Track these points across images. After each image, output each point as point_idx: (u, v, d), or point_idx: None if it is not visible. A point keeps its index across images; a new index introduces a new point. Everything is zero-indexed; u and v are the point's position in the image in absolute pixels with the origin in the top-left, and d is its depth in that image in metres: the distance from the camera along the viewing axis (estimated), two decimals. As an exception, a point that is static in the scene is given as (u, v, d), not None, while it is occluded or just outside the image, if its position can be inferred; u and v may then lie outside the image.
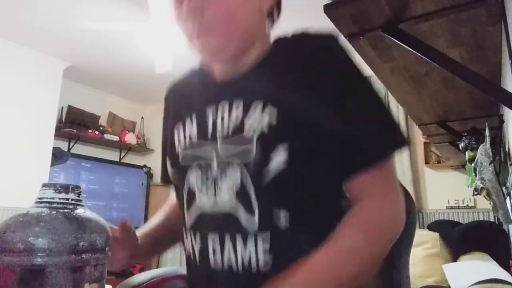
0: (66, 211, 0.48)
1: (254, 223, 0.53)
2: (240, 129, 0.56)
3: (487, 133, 1.52)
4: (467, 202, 2.88)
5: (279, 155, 0.52)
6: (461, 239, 2.40)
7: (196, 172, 0.59)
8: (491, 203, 1.53)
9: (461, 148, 1.87)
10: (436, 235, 2.39)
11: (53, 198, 0.49)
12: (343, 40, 0.65)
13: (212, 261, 0.56)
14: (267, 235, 0.52)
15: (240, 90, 0.59)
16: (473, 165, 1.60)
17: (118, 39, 3.13)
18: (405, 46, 0.98)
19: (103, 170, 4.21)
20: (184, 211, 0.63)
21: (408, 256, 0.81)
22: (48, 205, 0.47)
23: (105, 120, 4.47)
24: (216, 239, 0.56)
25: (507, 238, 2.28)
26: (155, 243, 0.72)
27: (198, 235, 0.59)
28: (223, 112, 0.58)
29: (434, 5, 0.89)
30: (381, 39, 1.04)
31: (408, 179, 2.97)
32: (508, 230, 2.28)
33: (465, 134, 1.82)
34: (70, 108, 4.03)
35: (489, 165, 1.45)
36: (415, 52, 0.98)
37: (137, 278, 0.77)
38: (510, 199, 1.52)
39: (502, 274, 1.63)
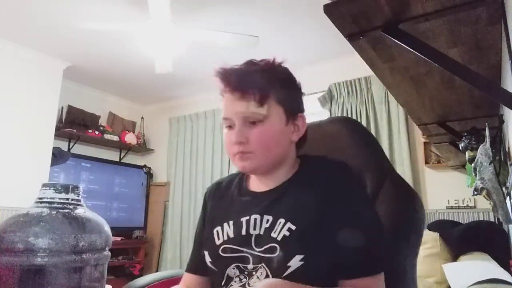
0: (66, 211, 0.48)
1: None
2: (266, 237, 0.73)
3: (487, 133, 1.52)
4: (467, 202, 2.88)
5: (295, 259, 0.68)
6: (461, 239, 2.39)
7: (233, 264, 0.75)
8: (491, 203, 1.53)
9: (461, 148, 1.87)
10: (436, 235, 2.39)
11: (53, 198, 0.49)
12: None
13: None
14: None
15: (267, 207, 0.77)
16: (473, 165, 1.60)
17: (118, 39, 3.13)
18: (405, 46, 0.98)
19: (103, 170, 4.21)
20: None
21: (414, 258, 0.81)
22: (48, 205, 0.47)
23: (105, 120, 4.47)
24: None
25: (507, 238, 2.28)
26: None
27: None
28: (255, 222, 0.76)
29: (434, 5, 0.89)
30: (381, 39, 1.04)
31: (408, 179, 2.97)
32: (508, 230, 2.28)
33: (465, 134, 1.82)
34: (70, 108, 4.03)
35: (489, 165, 1.45)
36: (415, 52, 0.98)
37: (138, 282, 0.77)
38: (510, 199, 1.52)
39: (502, 274, 1.63)
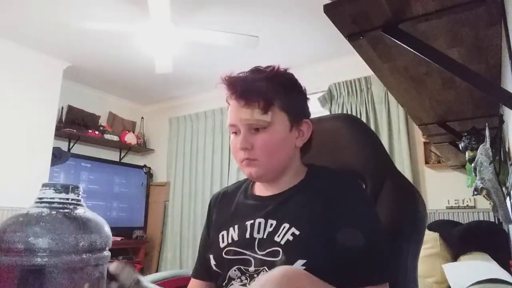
0: (66, 211, 0.48)
1: None
2: (270, 240, 0.74)
3: (487, 133, 1.52)
4: (467, 202, 2.88)
5: (298, 264, 0.68)
6: (461, 239, 2.39)
7: (236, 266, 0.77)
8: (491, 203, 1.53)
9: (461, 148, 1.87)
10: (436, 235, 2.39)
11: (53, 198, 0.49)
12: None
13: None
14: None
15: (271, 211, 0.78)
16: (473, 165, 1.60)
17: (118, 39, 3.13)
18: (405, 46, 0.98)
19: (103, 170, 4.21)
20: None
21: (416, 257, 0.81)
22: (48, 205, 0.47)
23: (105, 120, 4.47)
24: None
25: (507, 238, 2.28)
26: None
27: None
28: (259, 226, 0.78)
29: (434, 5, 0.89)
30: (381, 39, 1.04)
31: (408, 179, 2.97)
32: (508, 230, 2.28)
33: (465, 134, 1.82)
34: (70, 108, 4.03)
35: (489, 165, 1.45)
36: (415, 52, 0.98)
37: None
38: (510, 199, 1.52)
39: (502, 274, 1.63)
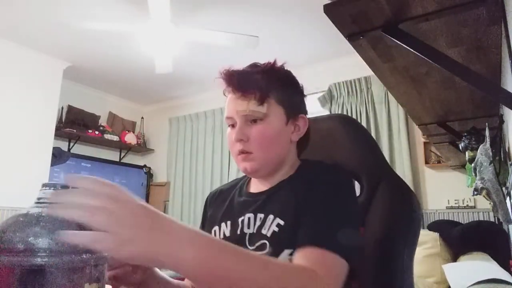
0: (66, 211, 0.47)
1: None
2: (258, 234, 0.75)
3: (487, 133, 1.52)
4: (467, 202, 2.87)
5: (285, 254, 0.68)
6: (461, 239, 2.40)
7: None
8: (491, 203, 1.53)
9: (461, 148, 1.87)
10: (436, 235, 2.39)
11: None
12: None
13: None
14: None
15: (260, 205, 0.79)
16: (473, 165, 1.60)
17: (118, 39, 3.13)
18: (405, 46, 0.98)
19: (103, 170, 4.21)
20: None
21: (411, 257, 0.81)
22: (48, 205, 0.47)
23: (105, 120, 4.47)
24: None
25: (507, 238, 2.28)
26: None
27: None
28: (249, 221, 0.78)
29: (434, 5, 0.89)
30: (381, 39, 1.04)
31: (408, 179, 2.97)
32: (508, 230, 2.29)
33: (465, 134, 1.82)
34: (70, 108, 4.03)
35: (489, 165, 1.45)
36: (415, 52, 0.98)
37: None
38: (510, 199, 1.52)
39: (502, 274, 1.63)
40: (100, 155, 4.31)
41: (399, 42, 0.98)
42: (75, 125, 3.96)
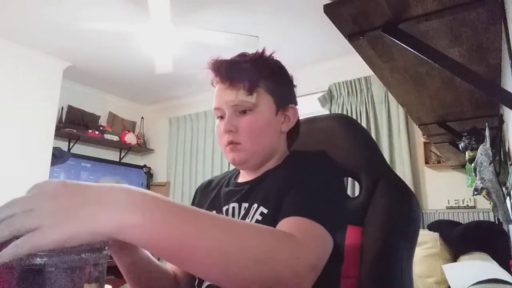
0: (65, 211, 0.47)
1: None
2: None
3: (487, 133, 1.52)
4: (467, 202, 2.88)
5: None
6: (461, 239, 2.39)
7: None
8: (491, 203, 1.53)
9: (461, 148, 1.87)
10: (436, 235, 2.39)
11: (53, 198, 0.49)
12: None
13: None
14: None
15: (244, 194, 0.78)
16: (473, 165, 1.60)
17: (118, 39, 3.13)
18: (405, 46, 0.98)
19: (103, 170, 4.21)
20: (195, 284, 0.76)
21: (411, 256, 0.81)
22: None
23: (105, 120, 4.47)
24: None
25: (507, 238, 2.28)
26: (148, 264, 0.73)
27: None
28: (233, 211, 0.77)
29: (434, 5, 0.89)
30: (381, 39, 1.04)
31: (408, 179, 2.97)
32: (508, 230, 2.28)
33: (465, 134, 1.82)
34: (70, 108, 4.03)
35: (489, 165, 1.45)
36: (415, 52, 0.99)
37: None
38: (510, 199, 1.52)
39: (502, 274, 1.63)
40: (100, 155, 4.31)
41: (399, 42, 0.98)
42: (75, 125, 3.96)
